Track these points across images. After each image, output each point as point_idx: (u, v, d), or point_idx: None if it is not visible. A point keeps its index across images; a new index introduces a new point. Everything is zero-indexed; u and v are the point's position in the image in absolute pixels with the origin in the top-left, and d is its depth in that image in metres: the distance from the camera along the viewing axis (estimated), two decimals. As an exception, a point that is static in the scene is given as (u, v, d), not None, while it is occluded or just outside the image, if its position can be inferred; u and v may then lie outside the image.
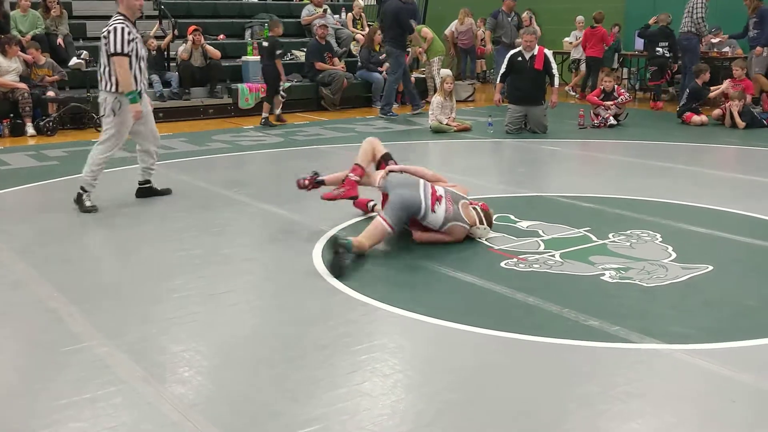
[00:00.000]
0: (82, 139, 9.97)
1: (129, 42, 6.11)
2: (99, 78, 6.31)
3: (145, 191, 6.72)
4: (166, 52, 12.32)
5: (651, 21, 13.09)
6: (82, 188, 6.34)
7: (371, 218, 5.42)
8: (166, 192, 6.82)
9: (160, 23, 12.80)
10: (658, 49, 12.85)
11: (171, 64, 12.40)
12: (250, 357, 3.61)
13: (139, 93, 6.29)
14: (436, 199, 5.12)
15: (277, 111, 11.48)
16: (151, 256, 5.14)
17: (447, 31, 15.74)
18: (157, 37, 12.24)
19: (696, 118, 10.79)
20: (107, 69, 6.20)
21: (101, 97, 6.36)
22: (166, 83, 12.01)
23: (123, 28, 6.11)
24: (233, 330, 3.93)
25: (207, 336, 3.88)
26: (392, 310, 4.11)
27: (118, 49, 6.08)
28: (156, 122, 11.17)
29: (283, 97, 11.53)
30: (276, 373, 3.42)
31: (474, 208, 5.33)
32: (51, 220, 6.14)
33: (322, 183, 5.71)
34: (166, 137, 10.01)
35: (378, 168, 5.60)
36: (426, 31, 13.69)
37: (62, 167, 8.11)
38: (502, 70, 10.36)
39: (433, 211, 5.08)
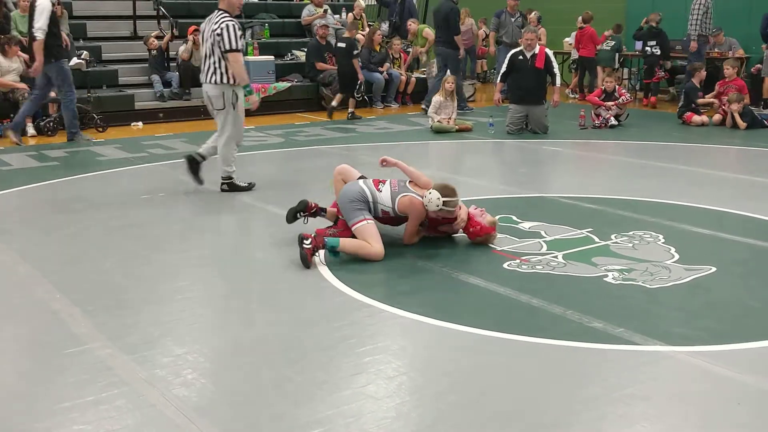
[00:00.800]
0: (82, 139, 9.96)
1: (240, 38, 6.44)
2: (210, 72, 6.54)
3: (194, 166, 6.90)
4: (166, 53, 12.30)
5: (642, 22, 13.17)
6: (227, 178, 6.87)
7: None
8: (200, 182, 6.95)
9: (159, 23, 12.80)
10: (647, 48, 12.98)
11: (171, 64, 12.39)
12: (253, 359, 3.60)
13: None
14: (380, 182, 5.21)
15: (334, 103, 12.05)
16: (153, 258, 5.13)
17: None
18: (157, 37, 12.23)
19: (696, 118, 10.78)
20: (223, 63, 6.42)
21: (215, 91, 6.58)
22: (167, 83, 12.02)
23: (235, 26, 6.44)
24: (236, 331, 3.92)
25: (210, 338, 3.87)
26: (395, 312, 4.10)
27: (234, 46, 6.40)
28: (156, 123, 11.34)
29: (358, 96, 12.17)
30: (279, 375, 3.41)
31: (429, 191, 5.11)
32: (52, 220, 6.13)
33: (323, 212, 5.60)
34: (166, 137, 10.05)
35: None
36: (428, 31, 13.68)
37: (63, 168, 8.10)
38: (503, 69, 10.35)
39: (379, 190, 5.14)
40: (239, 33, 6.46)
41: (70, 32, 11.79)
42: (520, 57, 10.12)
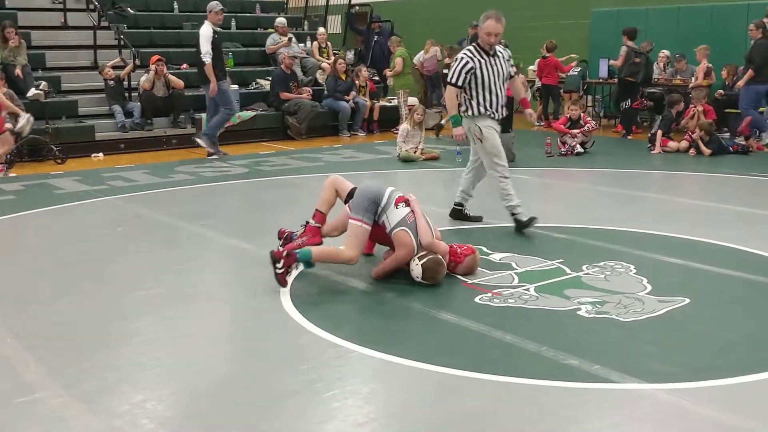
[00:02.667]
0: (40, 171, 9.71)
1: (466, 72, 6.25)
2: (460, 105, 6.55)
3: (457, 213, 6.80)
4: (127, 82, 12.10)
5: None
6: (458, 204, 6.87)
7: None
8: (477, 219, 6.82)
9: (120, 53, 12.59)
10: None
11: (133, 94, 12.18)
12: (215, 406, 3.41)
13: (467, 115, 6.43)
14: (403, 200, 5.08)
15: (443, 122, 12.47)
16: (110, 297, 4.92)
17: (416, 60, 15.68)
18: (115, 67, 12.02)
19: (672, 144, 10.89)
20: (462, 96, 6.42)
21: (464, 124, 6.51)
22: (128, 113, 11.80)
23: (462, 59, 6.29)
24: (198, 376, 3.73)
25: (170, 383, 3.67)
26: (364, 352, 3.94)
27: (452, 79, 6.32)
28: (117, 153, 11.09)
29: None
30: (243, 424, 3.23)
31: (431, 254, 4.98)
32: (5, 258, 5.89)
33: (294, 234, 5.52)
34: (128, 169, 9.83)
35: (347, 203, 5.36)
36: (399, 61, 13.61)
37: (19, 202, 7.83)
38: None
39: (396, 207, 5.03)
40: (465, 68, 6.23)
41: (29, 62, 11.55)
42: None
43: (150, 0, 15.03)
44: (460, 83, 6.29)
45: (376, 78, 14.94)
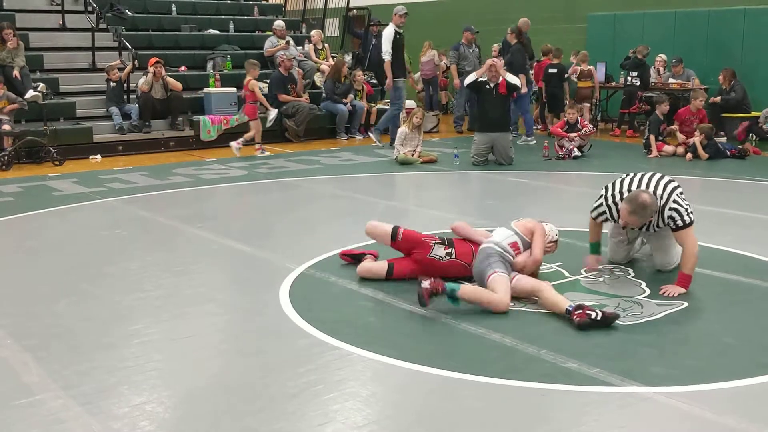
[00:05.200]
0: (38, 173, 9.70)
1: (600, 214, 5.42)
2: None
3: None
4: (126, 84, 12.09)
5: (630, 52, 13.33)
6: None
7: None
8: None
9: (120, 55, 12.59)
10: (628, 78, 13.17)
11: (131, 96, 12.18)
12: (214, 409, 3.41)
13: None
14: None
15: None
16: (109, 299, 4.92)
17: (416, 75, 15.72)
18: (118, 69, 12.03)
19: (668, 147, 10.91)
20: None
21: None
22: (126, 115, 11.79)
23: (601, 205, 5.42)
24: (196, 378, 3.73)
25: (169, 385, 3.67)
26: (364, 354, 3.95)
27: (592, 213, 5.55)
28: (115, 155, 11.09)
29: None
30: (242, 426, 3.23)
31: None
32: (4, 260, 5.88)
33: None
34: (126, 171, 9.83)
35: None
36: None
37: (17, 204, 7.82)
38: (470, 79, 10.32)
39: (491, 234, 5.13)
40: (600, 210, 5.44)
41: (27, 64, 11.53)
42: (487, 86, 10.13)
43: (148, 2, 15.02)
44: (596, 219, 5.47)
45: (374, 81, 14.94)
